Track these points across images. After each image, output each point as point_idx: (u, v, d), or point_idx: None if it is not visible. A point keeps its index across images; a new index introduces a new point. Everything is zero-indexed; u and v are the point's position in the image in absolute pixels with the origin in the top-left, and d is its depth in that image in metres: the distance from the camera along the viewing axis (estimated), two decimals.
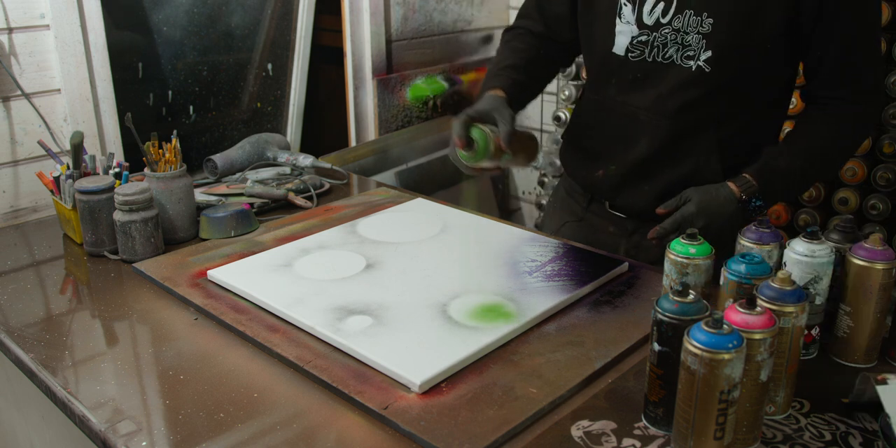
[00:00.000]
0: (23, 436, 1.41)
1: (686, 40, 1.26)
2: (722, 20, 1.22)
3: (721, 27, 1.22)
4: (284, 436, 0.91)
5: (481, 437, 0.88)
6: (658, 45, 1.28)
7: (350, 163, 2.28)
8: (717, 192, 1.27)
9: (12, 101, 1.66)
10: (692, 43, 1.25)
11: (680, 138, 1.33)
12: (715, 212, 1.25)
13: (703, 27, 1.23)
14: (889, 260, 0.98)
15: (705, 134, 1.32)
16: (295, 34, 2.25)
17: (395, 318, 1.11)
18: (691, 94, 1.29)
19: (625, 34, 1.31)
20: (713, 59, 1.25)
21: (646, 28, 1.29)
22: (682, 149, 1.34)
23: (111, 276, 1.34)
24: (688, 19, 1.24)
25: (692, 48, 1.25)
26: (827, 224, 2.13)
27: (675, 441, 0.86)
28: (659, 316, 0.86)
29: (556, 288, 1.21)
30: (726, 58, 1.24)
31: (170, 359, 1.07)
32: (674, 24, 1.26)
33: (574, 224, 1.53)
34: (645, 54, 1.31)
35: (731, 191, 1.27)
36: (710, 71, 1.25)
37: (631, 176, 1.39)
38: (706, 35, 1.24)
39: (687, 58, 1.27)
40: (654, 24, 1.28)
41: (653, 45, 1.29)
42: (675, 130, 1.32)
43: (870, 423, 0.91)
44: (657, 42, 1.28)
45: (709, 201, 1.25)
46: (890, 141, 1.98)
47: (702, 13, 1.23)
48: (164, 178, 1.42)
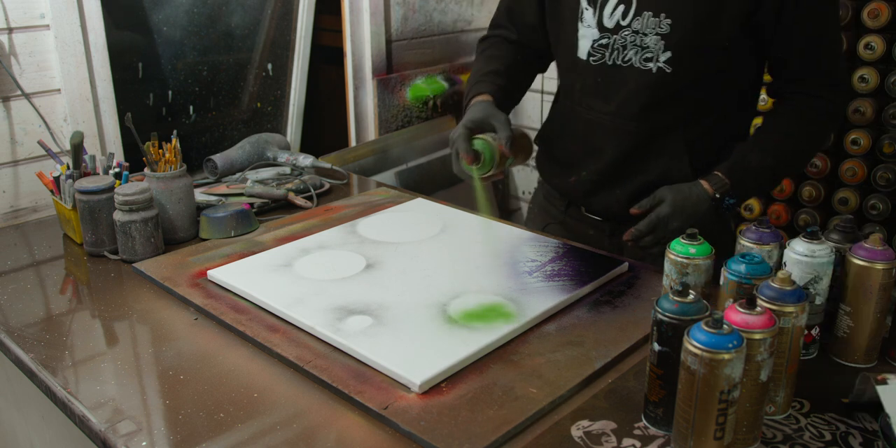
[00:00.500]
0: (23, 436, 1.41)
1: (644, 42, 1.26)
2: (680, 21, 1.22)
3: (679, 28, 1.22)
4: (284, 436, 0.91)
5: (481, 437, 0.88)
6: (618, 47, 1.29)
7: (350, 163, 2.28)
8: (691, 191, 1.27)
9: (12, 101, 1.66)
10: (650, 44, 1.25)
11: (647, 142, 1.33)
12: (689, 212, 1.26)
13: (662, 28, 1.23)
14: (889, 260, 0.98)
15: (673, 136, 1.32)
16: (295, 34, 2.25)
17: (395, 318, 1.11)
18: (654, 96, 1.29)
19: (587, 38, 1.32)
20: (673, 60, 1.25)
21: (606, 31, 1.29)
22: (651, 152, 1.34)
23: (111, 276, 1.34)
24: (646, 21, 1.25)
25: (651, 50, 1.25)
26: (827, 224, 2.13)
27: (675, 441, 0.86)
28: (659, 316, 0.86)
29: (556, 288, 1.21)
30: (686, 58, 1.24)
31: (170, 359, 1.07)
32: (633, 25, 1.26)
33: (556, 226, 1.55)
34: (605, 58, 1.31)
35: (703, 189, 1.28)
36: (671, 72, 1.25)
37: (602, 181, 1.40)
38: (664, 36, 1.24)
39: (646, 60, 1.27)
40: (615, 26, 1.28)
41: (613, 48, 1.29)
42: (642, 134, 1.33)
43: (870, 423, 0.91)
44: (617, 44, 1.29)
45: (683, 201, 1.26)
46: (890, 141, 1.98)
47: (660, 14, 1.23)
48: (164, 178, 1.42)
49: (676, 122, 1.32)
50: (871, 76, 1.97)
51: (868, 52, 1.97)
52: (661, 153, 1.34)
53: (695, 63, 1.25)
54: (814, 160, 2.11)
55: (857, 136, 2.03)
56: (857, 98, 2.03)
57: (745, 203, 2.28)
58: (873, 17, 1.94)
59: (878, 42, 1.95)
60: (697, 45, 1.24)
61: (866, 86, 1.99)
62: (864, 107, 2.01)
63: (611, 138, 1.35)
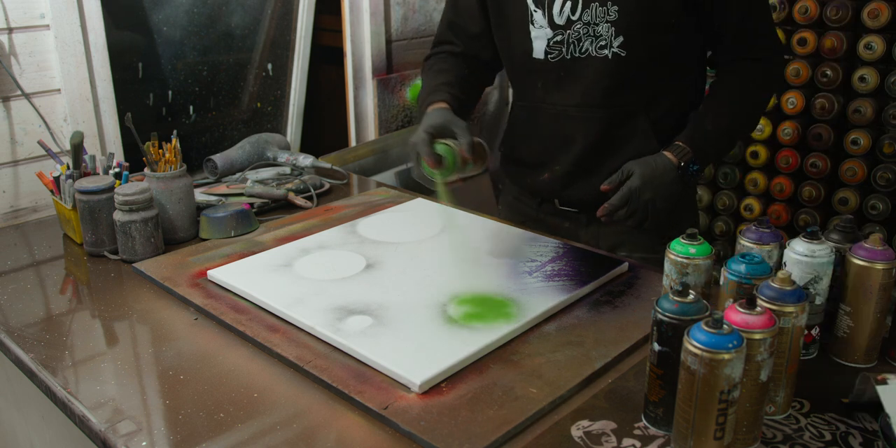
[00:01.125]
0: (23, 436, 1.41)
1: (597, 31, 1.31)
2: (626, 6, 1.28)
3: (626, 12, 1.29)
4: (284, 436, 0.91)
5: (481, 437, 0.88)
6: (573, 41, 1.34)
7: (350, 163, 2.28)
8: (656, 162, 1.32)
9: (12, 101, 1.66)
10: (603, 33, 1.31)
11: (615, 126, 1.38)
12: (658, 182, 1.31)
13: (610, 15, 1.30)
14: (889, 260, 0.98)
15: (639, 117, 1.37)
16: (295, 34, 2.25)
17: (395, 318, 1.11)
18: (614, 80, 1.34)
19: (541, 38, 1.37)
20: (626, 44, 1.30)
21: (559, 28, 1.35)
22: (620, 136, 1.39)
23: (111, 276, 1.34)
24: (595, 11, 1.30)
25: (604, 37, 1.31)
26: (827, 224, 2.13)
27: (675, 441, 0.86)
28: (659, 316, 0.86)
29: (556, 288, 1.21)
30: (637, 40, 1.30)
31: (170, 359, 1.07)
32: (584, 18, 1.32)
33: (530, 223, 1.56)
34: (563, 53, 1.36)
35: (668, 159, 1.33)
36: (626, 55, 1.31)
37: (576, 173, 1.44)
38: (614, 22, 1.30)
39: (601, 48, 1.32)
40: (566, 22, 1.33)
41: (568, 43, 1.34)
42: (608, 120, 1.38)
43: (870, 423, 0.91)
44: (571, 39, 1.34)
45: (651, 172, 1.31)
46: (890, 141, 1.98)
47: (606, 3, 1.29)
48: (164, 178, 1.42)
49: (639, 103, 1.37)
50: (871, 76, 1.97)
51: (868, 52, 1.97)
52: (630, 135, 1.39)
53: (646, 44, 1.31)
54: (814, 160, 2.12)
55: (857, 136, 2.03)
56: (857, 98, 2.03)
57: (745, 203, 2.29)
58: (873, 17, 1.94)
59: (878, 42, 1.95)
60: (646, 26, 1.30)
61: (866, 86, 1.99)
62: (864, 107, 2.01)
63: (579, 128, 1.40)
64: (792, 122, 2.15)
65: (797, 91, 2.12)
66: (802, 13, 2.07)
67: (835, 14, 2.00)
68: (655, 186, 1.30)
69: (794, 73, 2.10)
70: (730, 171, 2.31)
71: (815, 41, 2.05)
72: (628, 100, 1.37)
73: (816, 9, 2.04)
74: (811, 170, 2.13)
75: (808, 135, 2.13)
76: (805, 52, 2.08)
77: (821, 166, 2.11)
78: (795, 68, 2.09)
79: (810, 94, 2.11)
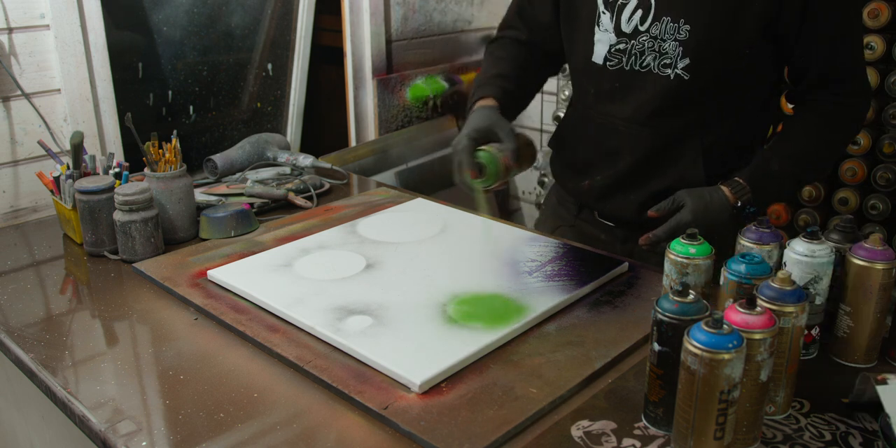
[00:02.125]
0: (23, 436, 1.41)
1: (663, 48, 1.24)
2: (699, 27, 1.20)
3: (698, 34, 1.20)
4: (284, 436, 0.91)
5: (481, 437, 0.88)
6: (635, 53, 1.27)
7: (350, 163, 2.28)
8: (712, 197, 1.24)
9: (12, 101, 1.66)
10: (669, 50, 1.23)
11: (663, 148, 1.32)
12: (711, 220, 1.22)
13: (681, 34, 1.21)
14: (889, 260, 0.98)
15: (690, 143, 1.30)
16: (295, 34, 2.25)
17: (395, 318, 1.11)
18: (671, 102, 1.27)
19: (603, 42, 1.30)
20: (691, 67, 1.23)
21: (624, 36, 1.27)
22: (667, 158, 1.32)
23: (111, 276, 1.34)
24: (665, 26, 1.22)
25: (669, 56, 1.24)
26: (827, 224, 2.13)
27: (675, 441, 0.86)
28: (659, 316, 0.86)
29: (556, 288, 1.21)
30: (704, 65, 1.22)
31: (170, 359, 1.07)
32: (651, 31, 1.24)
33: (567, 229, 1.53)
34: (623, 63, 1.29)
35: (724, 196, 1.25)
36: (689, 79, 1.23)
37: (616, 187, 1.38)
38: (683, 42, 1.22)
39: (664, 66, 1.25)
40: (633, 31, 1.26)
41: (630, 53, 1.27)
42: (657, 140, 1.31)
43: (870, 423, 0.91)
44: (635, 50, 1.27)
45: (704, 209, 1.23)
46: (890, 141, 1.98)
47: (679, 20, 1.21)
48: (164, 178, 1.42)
49: (693, 128, 1.30)
50: (871, 76, 1.97)
51: (868, 52, 1.96)
52: (677, 160, 1.32)
53: (714, 70, 1.23)
54: None
55: (857, 137, 2.02)
56: None
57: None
58: (873, 17, 1.94)
59: (878, 42, 1.95)
60: (716, 52, 1.21)
61: None
62: None
63: (625, 144, 1.34)
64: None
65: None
66: None
67: None
68: (706, 224, 1.20)
69: None
70: None
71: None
72: (682, 123, 1.29)
73: None
74: None
75: None
76: None
77: None
78: None
79: None
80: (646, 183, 1.35)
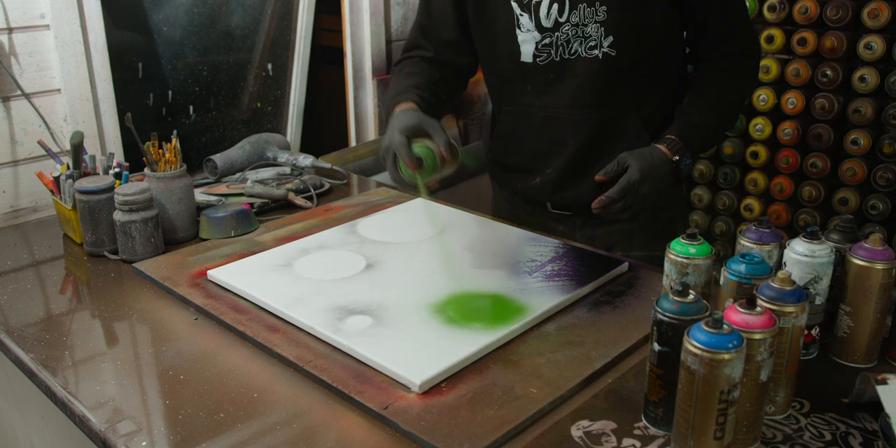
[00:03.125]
0: (23, 436, 1.41)
1: (586, 32, 1.32)
2: (615, 4, 1.29)
3: (615, 11, 1.29)
4: (284, 436, 0.91)
5: (481, 437, 0.88)
6: (562, 43, 1.34)
7: (350, 163, 2.28)
8: (652, 155, 1.31)
9: (12, 101, 1.66)
10: (592, 33, 1.31)
11: (607, 126, 1.39)
12: (655, 175, 1.30)
13: (599, 15, 1.30)
14: (889, 260, 0.98)
15: (630, 117, 1.38)
16: (295, 34, 2.25)
17: (395, 318, 1.11)
18: (604, 80, 1.35)
19: (528, 42, 1.36)
20: (615, 43, 1.31)
21: (547, 31, 1.34)
22: (612, 136, 1.39)
23: (111, 276, 1.34)
24: (583, 12, 1.31)
25: (593, 38, 1.32)
26: (827, 224, 2.13)
27: (675, 441, 0.86)
28: (659, 316, 0.86)
29: (556, 288, 1.21)
30: (626, 39, 1.31)
31: (170, 359, 1.07)
32: (572, 19, 1.32)
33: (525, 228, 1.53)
34: (552, 55, 1.36)
35: (662, 152, 1.32)
36: (616, 55, 1.32)
37: (568, 176, 1.44)
38: (603, 22, 1.30)
39: (590, 48, 1.33)
40: (553, 24, 1.33)
41: (557, 45, 1.34)
42: (600, 120, 1.38)
43: (870, 423, 0.91)
44: (560, 41, 1.34)
45: (648, 166, 1.29)
46: (890, 141, 1.98)
47: (594, 4, 1.30)
48: (164, 178, 1.42)
49: (630, 102, 1.38)
50: (871, 76, 1.97)
51: (868, 52, 1.97)
52: (621, 134, 1.39)
53: (635, 42, 1.32)
54: (814, 160, 2.12)
55: (857, 136, 2.03)
56: (857, 98, 2.03)
57: (745, 203, 2.29)
58: (873, 17, 1.94)
59: (878, 42, 1.95)
60: (635, 24, 1.31)
61: (866, 86, 1.99)
62: (864, 107, 2.00)
63: (570, 130, 1.40)
64: (792, 122, 2.15)
65: (797, 91, 2.12)
66: (802, 13, 2.06)
67: (835, 14, 2.00)
68: (653, 179, 1.29)
69: (794, 73, 2.10)
70: (730, 171, 2.31)
71: (815, 41, 2.05)
72: (619, 99, 1.37)
73: (816, 9, 2.04)
74: (811, 170, 2.13)
75: (808, 135, 2.13)
76: (805, 52, 2.08)
77: (821, 166, 2.11)
78: (795, 68, 2.09)
79: (810, 94, 2.11)
80: (598, 163, 1.39)
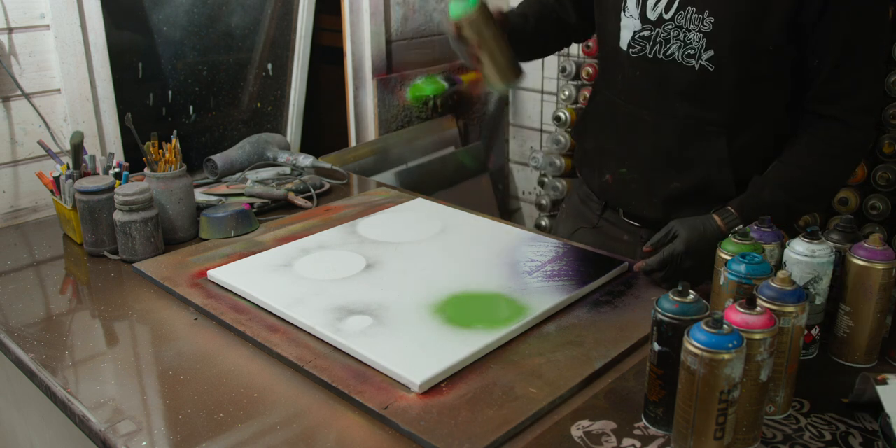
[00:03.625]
0: (23, 436, 1.41)
1: (688, 38, 1.22)
2: (723, 19, 1.19)
3: (722, 26, 1.19)
4: (284, 436, 0.91)
5: (481, 437, 0.88)
6: (660, 40, 1.25)
7: (350, 163, 2.28)
8: (705, 227, 1.22)
9: (12, 101, 1.66)
10: (693, 41, 1.22)
11: (688, 143, 1.29)
12: (703, 250, 1.18)
13: (704, 25, 1.20)
14: (889, 260, 0.98)
15: (716, 142, 1.27)
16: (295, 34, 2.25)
17: (395, 318, 1.11)
18: (697, 93, 1.25)
19: (628, 28, 1.29)
20: (715, 59, 1.21)
21: (649, 23, 1.26)
22: (692, 155, 1.30)
23: (111, 276, 1.34)
24: (690, 16, 1.21)
25: (693, 46, 1.22)
26: (827, 224, 2.13)
27: (675, 441, 0.86)
28: (659, 316, 0.86)
29: (556, 288, 1.21)
30: (728, 58, 1.21)
31: (170, 359, 1.07)
32: (676, 20, 1.23)
33: (587, 230, 1.51)
34: (646, 50, 1.27)
35: (717, 226, 1.22)
36: (714, 70, 1.22)
37: (640, 181, 1.36)
38: (707, 34, 1.20)
39: (688, 56, 1.23)
40: (657, 19, 1.25)
41: (655, 41, 1.26)
42: (682, 134, 1.29)
43: (870, 423, 0.91)
44: (660, 37, 1.25)
45: (697, 239, 1.20)
46: (890, 141, 1.98)
47: (703, 11, 1.20)
48: (164, 178, 1.42)
49: (720, 126, 1.27)
50: None
51: None
52: (702, 159, 1.29)
53: (738, 63, 1.21)
54: None
55: None
56: None
57: None
58: None
59: None
60: (740, 44, 1.19)
61: None
62: None
63: (649, 134, 1.32)
64: None
65: None
66: None
67: None
68: (700, 254, 1.18)
69: None
70: None
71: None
72: (707, 119, 1.26)
73: None
74: None
75: None
76: None
77: None
78: None
79: None
80: (670, 179, 1.32)
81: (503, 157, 2.84)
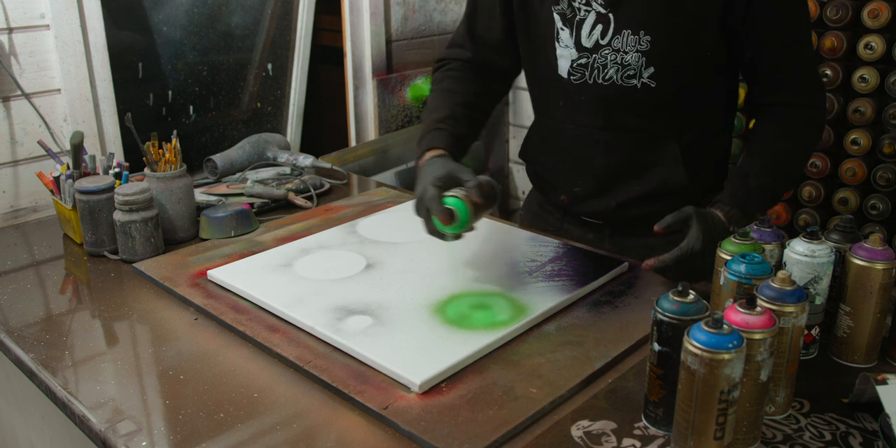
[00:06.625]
0: (23, 436, 1.41)
1: (625, 60, 1.25)
2: (660, 36, 1.22)
3: (659, 43, 1.22)
4: (284, 436, 0.91)
5: (481, 437, 0.88)
6: (598, 66, 1.28)
7: (350, 163, 2.28)
8: (715, 223, 1.20)
9: (12, 101, 1.66)
10: (632, 62, 1.25)
11: (643, 152, 1.33)
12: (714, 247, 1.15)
13: (642, 45, 1.23)
14: (889, 260, 0.98)
15: (667, 145, 1.32)
16: (295, 34, 2.25)
17: (395, 318, 1.11)
18: (642, 109, 1.29)
19: (565, 58, 1.31)
20: (656, 75, 1.25)
21: (585, 51, 1.28)
22: (647, 162, 1.34)
23: (111, 276, 1.34)
24: (626, 39, 1.24)
25: (632, 67, 1.25)
26: (827, 224, 2.13)
27: (675, 441, 0.85)
28: (659, 316, 0.86)
29: (556, 288, 1.21)
30: (669, 72, 1.24)
31: (170, 359, 1.07)
32: (613, 44, 1.25)
33: (553, 234, 1.51)
34: (585, 77, 1.30)
35: (721, 221, 1.22)
36: (656, 86, 1.25)
37: (596, 193, 1.39)
38: (645, 52, 1.23)
39: (628, 77, 1.26)
40: (594, 45, 1.27)
41: (592, 68, 1.29)
42: (635, 144, 1.33)
43: (870, 423, 0.91)
44: (597, 64, 1.28)
45: (711, 235, 1.17)
46: (890, 141, 1.98)
47: (639, 32, 1.23)
48: (164, 178, 1.42)
49: (669, 131, 1.31)
50: (871, 76, 1.97)
51: (868, 52, 1.97)
52: (657, 162, 1.33)
53: (679, 75, 1.26)
54: (814, 160, 2.12)
55: (857, 136, 2.03)
56: (857, 98, 2.03)
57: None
58: (873, 17, 1.94)
59: (878, 42, 1.95)
60: (679, 56, 1.24)
61: (866, 86, 1.99)
62: (864, 107, 2.00)
63: (601, 151, 1.35)
64: None
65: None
66: None
67: (835, 14, 2.00)
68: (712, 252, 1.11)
69: None
70: None
71: (815, 41, 2.05)
72: (657, 127, 1.31)
73: (816, 9, 2.04)
74: (811, 170, 2.13)
75: None
76: None
77: (821, 166, 2.11)
78: None
79: None
80: (627, 186, 1.36)
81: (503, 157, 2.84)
